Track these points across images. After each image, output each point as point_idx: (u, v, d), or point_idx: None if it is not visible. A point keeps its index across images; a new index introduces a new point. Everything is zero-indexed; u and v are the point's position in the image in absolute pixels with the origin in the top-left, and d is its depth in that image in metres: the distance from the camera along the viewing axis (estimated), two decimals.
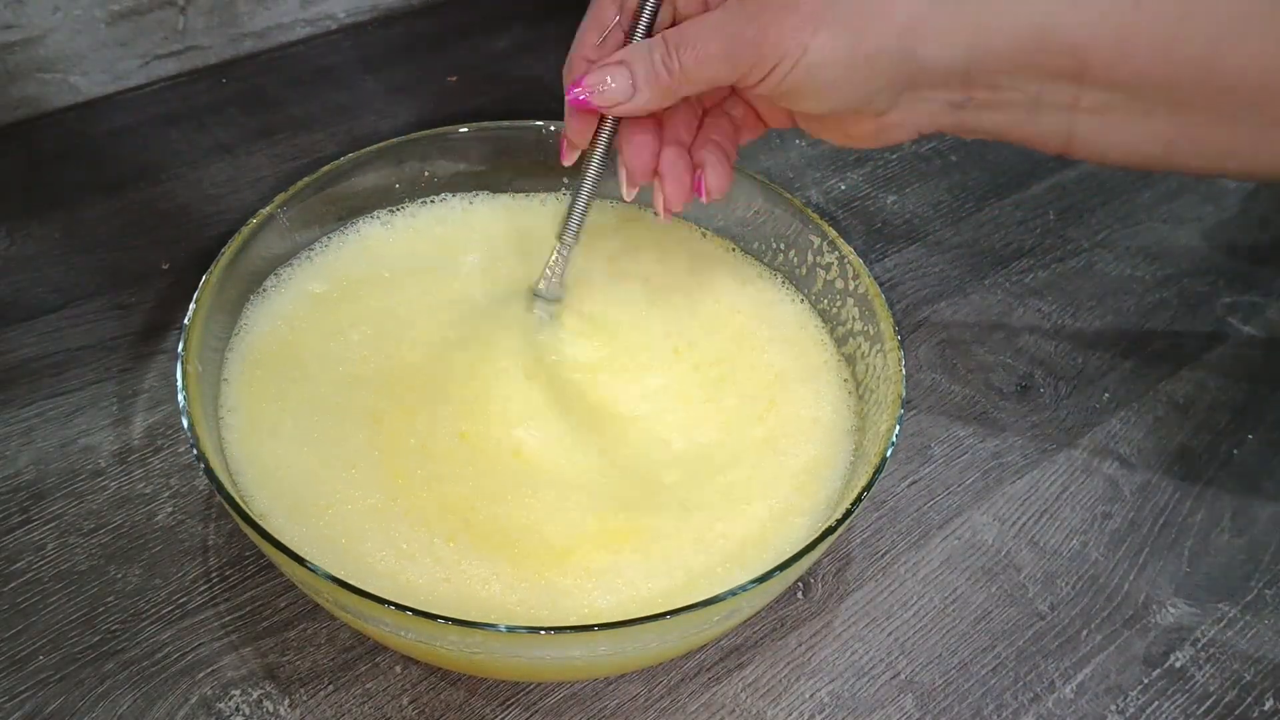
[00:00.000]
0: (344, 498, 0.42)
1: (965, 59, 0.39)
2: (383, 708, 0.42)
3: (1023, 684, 0.45)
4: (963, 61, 0.39)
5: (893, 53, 0.39)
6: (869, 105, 0.41)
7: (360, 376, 0.46)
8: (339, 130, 0.69)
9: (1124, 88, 0.38)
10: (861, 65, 0.39)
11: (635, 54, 0.42)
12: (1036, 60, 0.38)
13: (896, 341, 0.44)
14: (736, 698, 0.44)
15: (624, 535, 0.41)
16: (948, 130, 0.42)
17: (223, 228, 0.62)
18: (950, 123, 0.42)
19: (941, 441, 0.54)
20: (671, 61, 0.41)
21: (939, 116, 0.41)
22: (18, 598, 0.45)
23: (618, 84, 0.42)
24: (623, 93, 0.42)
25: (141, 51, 0.71)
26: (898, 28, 0.38)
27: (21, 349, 0.54)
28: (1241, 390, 0.57)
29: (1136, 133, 0.40)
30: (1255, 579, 0.49)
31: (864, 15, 0.39)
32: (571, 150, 0.46)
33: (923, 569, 0.48)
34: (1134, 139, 0.40)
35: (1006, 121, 0.41)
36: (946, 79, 0.40)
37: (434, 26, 0.80)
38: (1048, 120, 0.40)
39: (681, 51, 0.40)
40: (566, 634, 0.35)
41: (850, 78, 0.40)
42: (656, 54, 0.41)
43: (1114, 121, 0.40)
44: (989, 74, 0.39)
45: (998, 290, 0.62)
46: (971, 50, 0.38)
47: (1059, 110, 0.40)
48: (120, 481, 0.49)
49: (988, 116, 0.41)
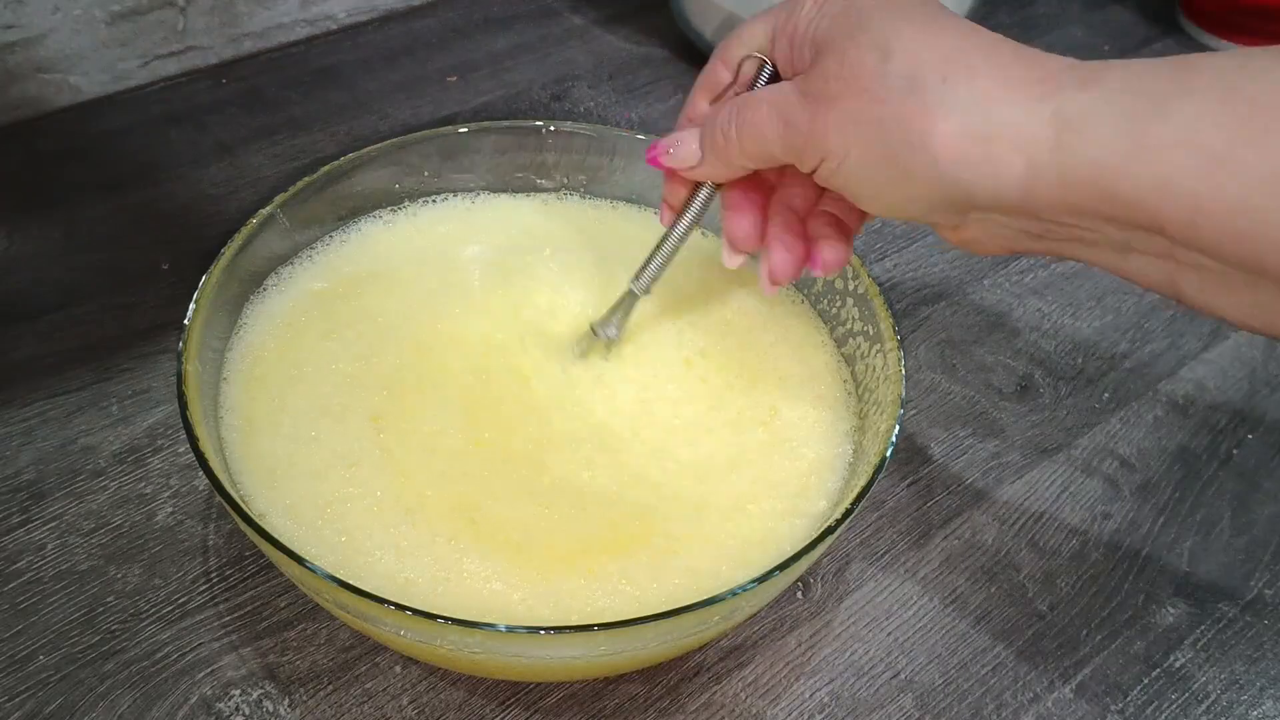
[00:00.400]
0: (344, 497, 0.42)
1: (1019, 196, 0.33)
2: (383, 708, 0.42)
3: (1023, 684, 0.45)
4: (1017, 199, 0.34)
5: (932, 175, 0.34)
6: (933, 217, 0.37)
7: (360, 376, 0.46)
8: (339, 130, 0.69)
9: (1214, 257, 0.31)
10: (901, 180, 0.35)
11: (708, 119, 0.40)
12: (1101, 209, 0.32)
13: (896, 341, 0.44)
14: (736, 698, 0.44)
15: (626, 537, 0.41)
16: (1039, 254, 0.37)
17: (223, 228, 0.62)
18: (1038, 249, 0.36)
19: (941, 441, 0.54)
20: (729, 130, 0.39)
21: (1020, 241, 0.36)
22: (18, 598, 0.45)
23: (686, 148, 0.41)
24: (690, 157, 0.41)
25: (141, 51, 0.71)
26: (936, 150, 0.34)
27: (21, 349, 0.54)
28: (1241, 390, 0.57)
29: (1246, 303, 0.33)
30: (1255, 579, 0.49)
31: (902, 131, 0.34)
32: (669, 211, 0.44)
33: (923, 569, 0.48)
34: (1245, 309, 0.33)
35: (1098, 259, 0.35)
36: (1004, 210, 0.35)
37: (434, 26, 0.80)
38: (1142, 265, 0.34)
39: (741, 123, 0.38)
40: (566, 634, 0.35)
41: (895, 190, 0.36)
42: (722, 119, 0.39)
43: (1214, 282, 0.33)
44: (1053, 213, 0.34)
45: (998, 290, 0.62)
46: (1026, 190, 0.33)
47: (1155, 259, 0.34)
48: (120, 481, 0.49)
49: (1076, 250, 0.35)
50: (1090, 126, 0.32)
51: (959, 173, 0.34)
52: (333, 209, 0.51)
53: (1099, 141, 0.32)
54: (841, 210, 0.42)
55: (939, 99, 0.33)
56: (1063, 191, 0.33)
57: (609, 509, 0.42)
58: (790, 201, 0.42)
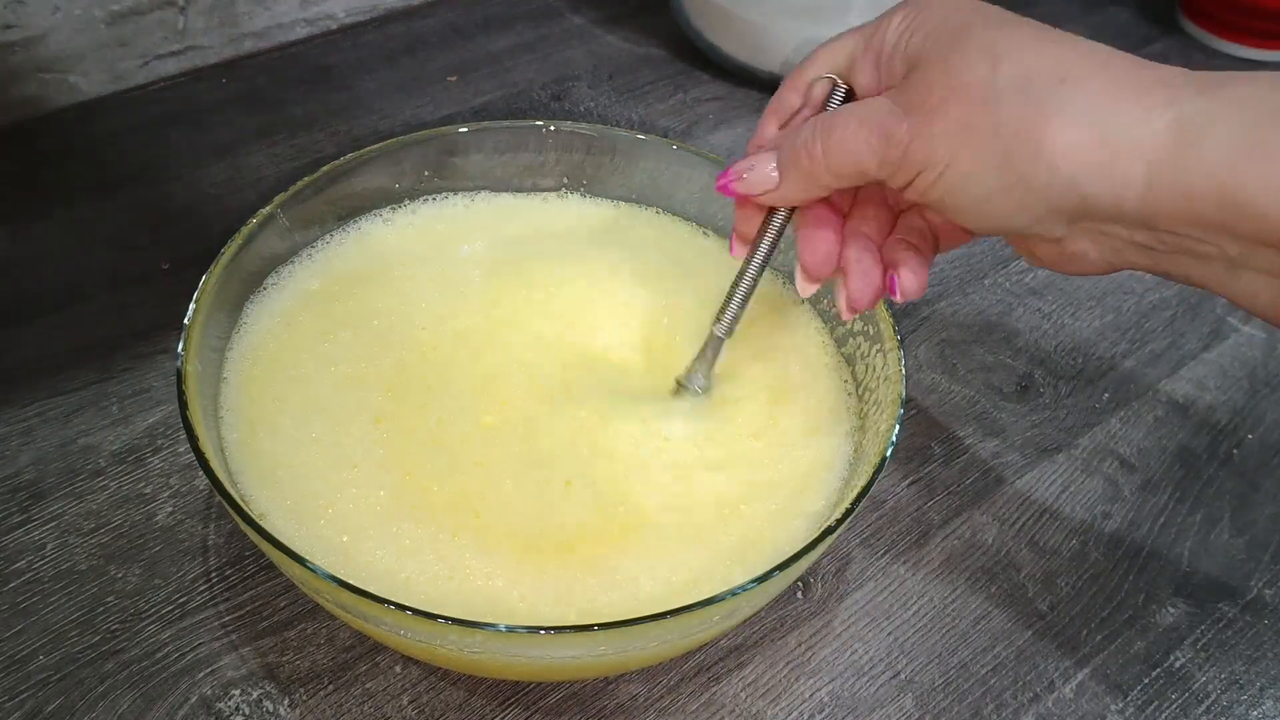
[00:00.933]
0: (344, 496, 0.42)
1: (1138, 204, 0.33)
2: (382, 708, 0.42)
3: (1022, 684, 0.45)
4: (1135, 206, 0.33)
5: (1049, 181, 0.34)
6: (1038, 229, 0.36)
7: (360, 375, 0.46)
8: (339, 130, 0.69)
9: None
10: (1014, 187, 0.34)
11: (786, 139, 0.39)
12: (1221, 220, 0.32)
13: (896, 341, 0.44)
14: (736, 697, 0.44)
15: (626, 536, 0.41)
16: (1143, 270, 0.36)
17: (223, 228, 0.62)
18: (1144, 264, 0.36)
19: (941, 441, 0.54)
20: (815, 148, 0.37)
21: (1127, 254, 0.36)
22: (18, 598, 0.45)
23: (761, 171, 0.39)
24: (766, 181, 0.39)
25: (141, 51, 0.71)
26: (1054, 155, 0.33)
27: (21, 349, 0.54)
28: (1241, 390, 0.57)
29: None
30: (1255, 579, 0.49)
31: (1017, 136, 0.33)
32: (741, 243, 0.43)
33: (923, 569, 0.48)
34: None
35: (1208, 277, 0.35)
36: (1120, 219, 0.34)
37: (434, 26, 0.80)
38: (1256, 285, 0.34)
39: (827, 137, 0.37)
40: (566, 634, 0.35)
41: (1005, 201, 0.35)
42: (804, 135, 0.38)
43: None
44: (1170, 222, 0.33)
45: (998, 290, 0.62)
46: (1145, 197, 0.32)
47: (1268, 277, 0.33)
48: (120, 481, 0.49)
49: (1185, 265, 0.35)
50: (1211, 133, 0.31)
51: (1078, 178, 0.33)
52: (332, 209, 0.51)
53: (1219, 148, 0.31)
54: (918, 236, 0.41)
55: (1056, 103, 0.33)
56: (1182, 200, 0.32)
57: (610, 507, 0.42)
58: (864, 228, 0.41)
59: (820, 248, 0.41)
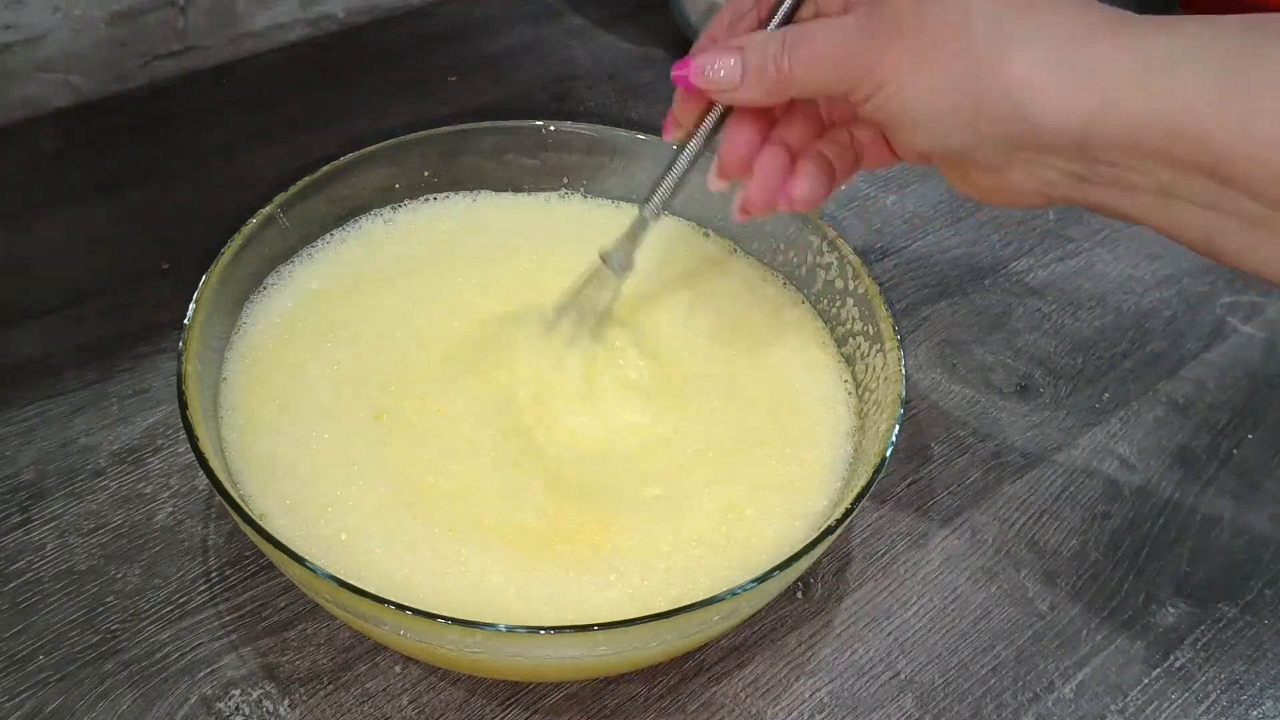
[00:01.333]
0: (345, 496, 0.42)
1: (1081, 129, 0.34)
2: (382, 708, 0.42)
3: (1022, 684, 0.45)
4: (1078, 131, 0.34)
5: (1000, 105, 0.35)
6: (976, 155, 0.37)
7: (361, 375, 0.46)
8: (339, 130, 0.69)
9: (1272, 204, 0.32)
10: (965, 110, 0.36)
11: (754, 44, 0.40)
12: (1164, 148, 0.33)
13: (896, 341, 0.44)
14: (736, 697, 0.44)
15: (626, 533, 0.41)
16: (1076, 204, 0.38)
17: (223, 228, 0.61)
18: (1077, 196, 0.37)
19: (941, 441, 0.54)
20: (783, 60, 0.39)
21: (1061, 186, 0.37)
22: (18, 598, 0.45)
23: (727, 71, 0.40)
24: (729, 81, 0.40)
25: (141, 51, 0.71)
26: (1009, 81, 0.34)
27: (21, 349, 0.54)
28: (1241, 390, 0.57)
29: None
30: (1255, 579, 0.49)
31: (976, 61, 0.35)
32: (675, 128, 0.44)
33: (923, 569, 0.48)
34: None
35: (1136, 207, 0.36)
36: (1062, 146, 0.35)
37: (434, 26, 0.80)
38: (1182, 214, 0.35)
39: (796, 50, 0.38)
40: (566, 634, 0.35)
41: (952, 121, 0.36)
42: (772, 46, 0.39)
43: (1261, 235, 0.34)
44: (1109, 150, 0.34)
45: (998, 290, 0.62)
46: (1090, 123, 0.34)
47: (1197, 209, 0.35)
48: (120, 481, 0.49)
49: (1116, 196, 0.36)
50: (1179, 69, 0.32)
51: (1028, 103, 0.34)
52: (332, 208, 0.51)
53: (1185, 86, 0.32)
54: (839, 151, 0.42)
55: (1019, 30, 0.34)
56: (1130, 130, 0.33)
57: (609, 506, 0.42)
58: (788, 135, 0.42)
59: (741, 147, 0.42)
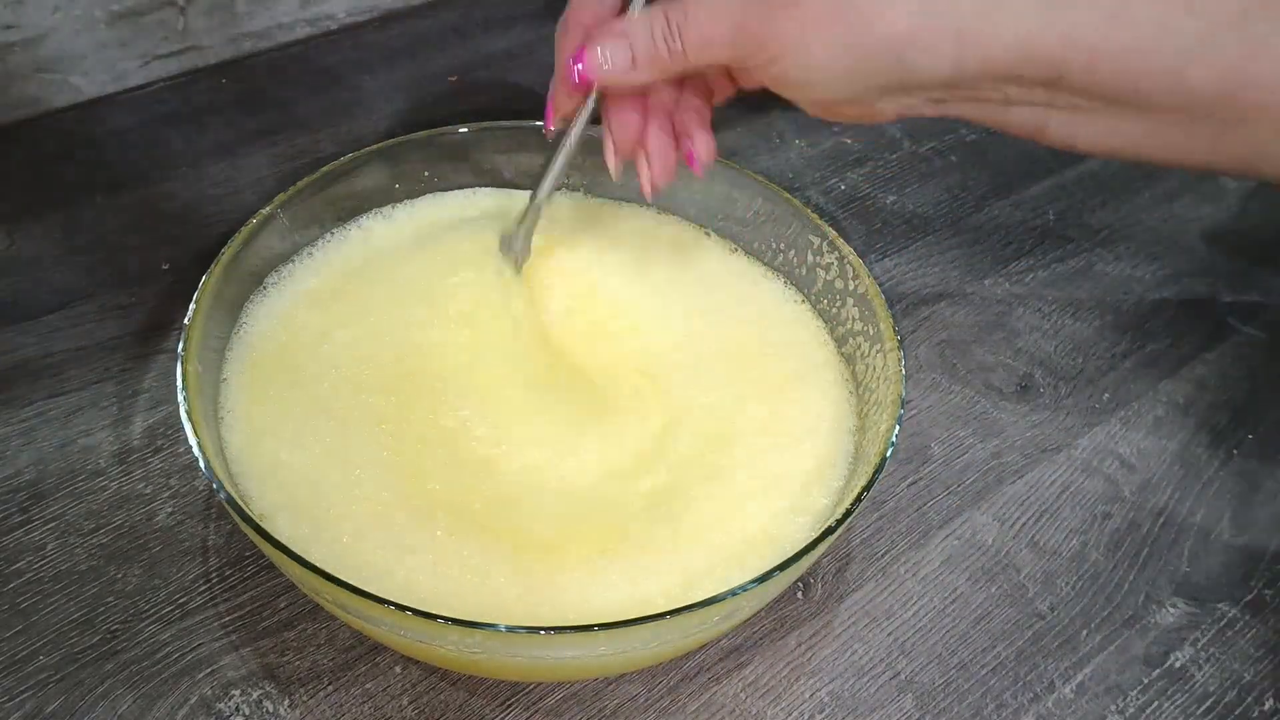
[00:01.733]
0: (347, 497, 0.41)
1: (951, 69, 0.39)
2: (382, 708, 0.42)
3: (1022, 684, 0.45)
4: (949, 71, 0.40)
5: (887, 60, 0.40)
6: (857, 101, 0.42)
7: (361, 375, 0.46)
8: (339, 130, 0.69)
9: (1097, 95, 0.40)
10: (857, 69, 0.40)
11: (637, 28, 0.41)
12: (1017, 71, 0.39)
13: (896, 341, 0.44)
14: (736, 698, 0.44)
15: (625, 533, 0.41)
16: (926, 116, 0.43)
17: (223, 228, 0.62)
18: (930, 112, 0.43)
19: (941, 441, 0.54)
20: (674, 41, 0.40)
21: (920, 108, 0.43)
22: (18, 598, 0.45)
23: (617, 59, 0.41)
24: (621, 68, 0.41)
25: (141, 51, 0.71)
26: (893, 37, 0.39)
27: (21, 349, 0.54)
28: (1241, 390, 0.57)
29: (1104, 130, 0.42)
30: (1255, 579, 0.49)
31: (865, 22, 0.39)
32: (558, 116, 0.46)
33: (923, 569, 0.48)
34: (1103, 136, 0.42)
35: (981, 113, 0.42)
36: (932, 85, 0.41)
37: (434, 26, 0.80)
38: (1021, 114, 0.42)
39: (685, 32, 0.40)
40: (566, 634, 0.35)
41: (845, 79, 0.40)
42: (658, 29, 0.40)
43: (1085, 120, 0.41)
44: (972, 81, 0.40)
45: (998, 290, 0.62)
46: (958, 62, 0.39)
47: (1033, 108, 0.41)
48: (120, 481, 0.49)
49: (965, 109, 0.42)
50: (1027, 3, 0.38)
51: (910, 54, 0.39)
52: (332, 208, 0.51)
53: (1018, 11, 0.38)
54: (702, 95, 0.46)
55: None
56: (986, 62, 0.39)
57: (610, 506, 0.42)
58: (661, 99, 0.45)
59: (631, 128, 0.44)
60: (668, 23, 0.40)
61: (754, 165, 0.68)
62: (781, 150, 0.70)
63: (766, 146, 0.70)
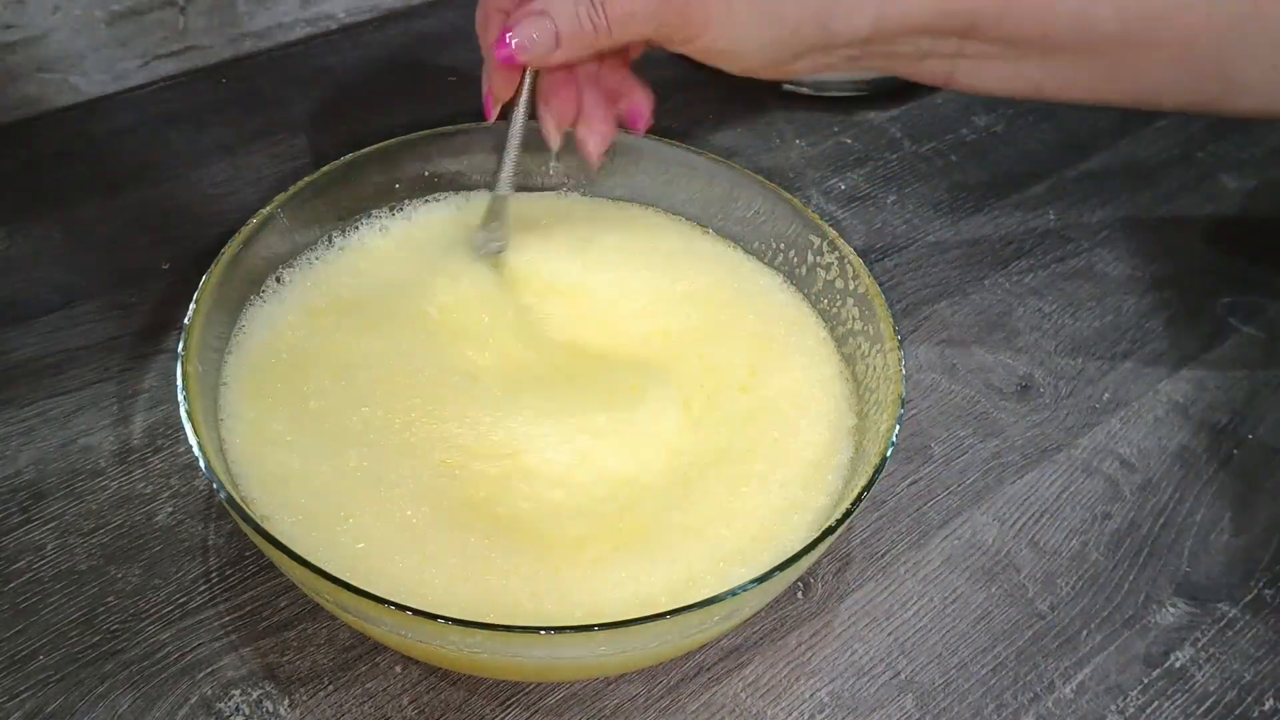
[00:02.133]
0: (347, 498, 0.41)
1: (870, 29, 0.42)
2: (383, 708, 0.42)
3: (1023, 684, 0.45)
4: (867, 31, 0.42)
5: (809, 25, 0.42)
6: (777, 64, 0.44)
7: (362, 375, 0.46)
8: (339, 130, 0.69)
9: (1004, 42, 0.43)
10: (783, 36, 0.42)
11: (559, 6, 0.41)
12: (933, 25, 0.42)
13: (896, 341, 0.44)
14: (736, 698, 0.44)
15: (625, 534, 0.41)
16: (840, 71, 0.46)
17: (223, 228, 0.62)
18: (845, 67, 0.45)
19: (941, 441, 0.54)
20: (598, 17, 0.41)
21: (837, 66, 0.45)
22: (18, 598, 0.45)
23: (541, 38, 0.42)
24: (546, 47, 0.42)
25: (141, 51, 0.71)
26: (817, 5, 0.41)
27: (21, 349, 0.54)
28: (1241, 390, 0.57)
29: (1010, 74, 0.45)
30: (1255, 579, 0.49)
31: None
32: (497, 104, 0.47)
33: (923, 569, 0.48)
34: (1007, 79, 0.45)
35: (894, 66, 0.45)
36: (851, 44, 0.43)
37: (434, 26, 0.80)
38: (932, 65, 0.45)
39: (608, 7, 0.41)
40: (566, 634, 0.35)
41: (770, 47, 0.43)
42: (581, 8, 0.41)
43: (991, 66, 0.45)
44: (889, 37, 0.43)
45: (998, 290, 0.62)
46: (877, 21, 0.42)
47: (943, 58, 0.44)
48: (120, 481, 0.49)
49: (878, 63, 0.45)
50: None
51: (831, 18, 0.42)
52: (333, 209, 0.51)
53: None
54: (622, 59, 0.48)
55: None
56: (906, 18, 0.42)
57: (613, 506, 0.42)
58: (588, 69, 0.47)
59: (569, 101, 0.46)
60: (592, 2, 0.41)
61: (754, 165, 0.68)
62: (781, 150, 0.70)
63: (766, 146, 0.70)
